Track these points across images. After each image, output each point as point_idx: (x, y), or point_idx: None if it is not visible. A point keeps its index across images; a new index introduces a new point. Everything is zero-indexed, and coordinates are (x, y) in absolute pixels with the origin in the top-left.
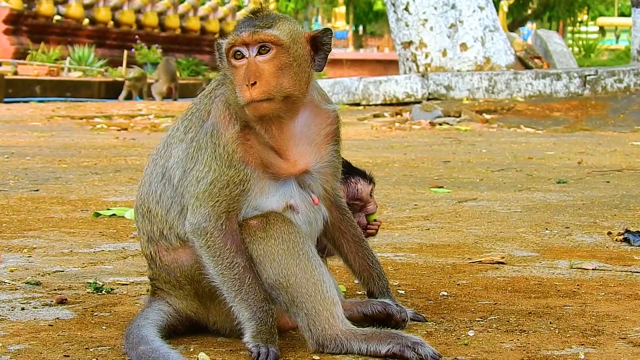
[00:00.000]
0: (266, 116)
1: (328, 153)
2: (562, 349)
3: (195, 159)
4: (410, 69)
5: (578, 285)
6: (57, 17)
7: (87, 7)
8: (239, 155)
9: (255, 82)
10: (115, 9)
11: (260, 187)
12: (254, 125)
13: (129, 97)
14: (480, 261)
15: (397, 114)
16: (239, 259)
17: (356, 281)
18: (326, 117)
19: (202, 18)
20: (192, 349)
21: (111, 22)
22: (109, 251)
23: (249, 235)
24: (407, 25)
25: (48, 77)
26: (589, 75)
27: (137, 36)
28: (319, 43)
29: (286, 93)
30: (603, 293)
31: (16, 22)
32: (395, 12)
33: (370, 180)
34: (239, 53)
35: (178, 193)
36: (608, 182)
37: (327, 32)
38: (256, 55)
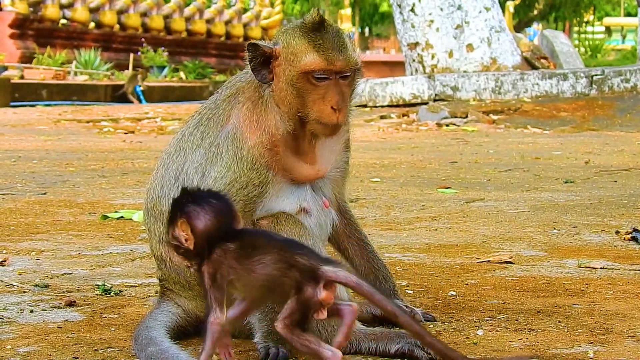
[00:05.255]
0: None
1: (342, 159)
2: (571, 348)
3: (214, 163)
4: (416, 70)
5: (586, 284)
6: (63, 21)
7: (93, 10)
8: (265, 160)
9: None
10: (121, 12)
11: (277, 189)
12: (297, 133)
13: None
14: (489, 261)
15: (403, 115)
16: None
17: None
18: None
19: (208, 21)
20: (201, 350)
21: (117, 26)
22: (117, 253)
23: None
24: (413, 27)
25: (54, 81)
26: (596, 75)
27: (143, 39)
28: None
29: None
30: (611, 292)
31: (22, 26)
32: (401, 13)
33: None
34: (322, 76)
35: None
36: (615, 181)
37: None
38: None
